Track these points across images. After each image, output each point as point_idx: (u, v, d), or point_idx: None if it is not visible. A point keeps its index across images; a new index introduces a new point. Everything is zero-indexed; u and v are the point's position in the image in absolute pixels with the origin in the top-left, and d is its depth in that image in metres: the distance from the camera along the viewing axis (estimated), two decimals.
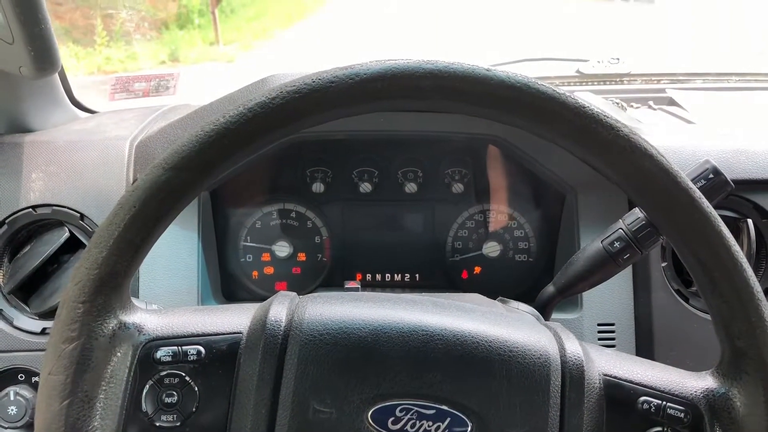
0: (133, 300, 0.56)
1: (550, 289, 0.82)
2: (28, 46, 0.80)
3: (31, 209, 0.92)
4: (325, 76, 0.52)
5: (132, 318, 0.54)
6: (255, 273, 1.07)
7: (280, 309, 0.55)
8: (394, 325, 0.54)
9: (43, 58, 0.81)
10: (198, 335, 0.55)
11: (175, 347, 0.54)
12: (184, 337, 0.55)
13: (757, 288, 0.53)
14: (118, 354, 0.53)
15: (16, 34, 0.79)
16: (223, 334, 0.55)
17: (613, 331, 0.92)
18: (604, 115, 0.53)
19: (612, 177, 0.55)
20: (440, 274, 1.09)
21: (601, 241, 0.76)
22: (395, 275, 1.09)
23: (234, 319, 0.56)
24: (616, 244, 0.75)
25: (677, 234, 0.54)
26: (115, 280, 0.52)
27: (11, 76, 0.93)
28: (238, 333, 0.55)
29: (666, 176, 0.52)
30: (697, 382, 0.56)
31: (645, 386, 0.55)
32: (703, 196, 0.53)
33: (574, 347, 0.56)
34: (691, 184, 0.53)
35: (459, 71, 0.52)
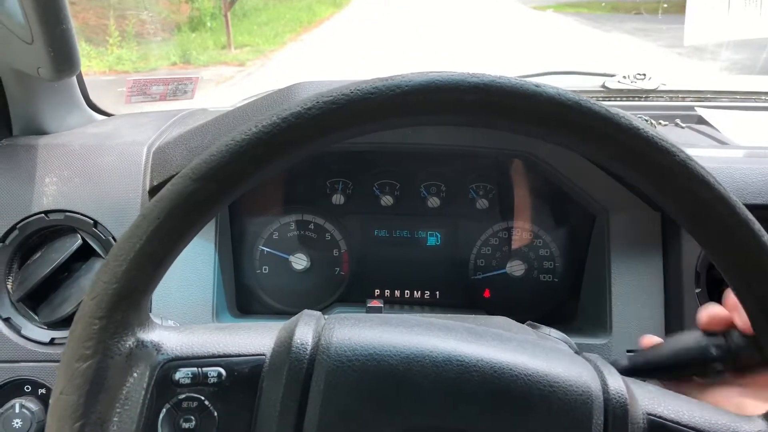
0: (151, 316, 0.53)
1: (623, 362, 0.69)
2: (49, 46, 0.77)
3: (43, 215, 0.89)
4: (364, 86, 0.49)
5: (150, 336, 0.51)
6: (270, 285, 1.04)
7: (306, 331, 0.52)
8: (427, 354, 0.51)
9: (63, 59, 0.79)
10: (219, 356, 0.52)
11: (195, 368, 0.51)
12: (205, 357, 0.51)
13: None
14: (135, 374, 0.49)
15: (36, 34, 0.76)
16: (246, 355, 0.52)
17: None
18: (659, 138, 0.49)
19: (664, 203, 0.51)
20: (461, 293, 1.05)
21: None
22: (414, 292, 1.05)
23: (257, 340, 0.53)
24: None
25: (734, 269, 0.50)
26: (134, 296, 0.49)
27: (28, 77, 0.90)
28: (261, 355, 0.52)
29: (723, 206, 0.49)
30: (749, 426, 0.52)
31: (692, 428, 0.52)
32: (762, 229, 0.50)
33: (617, 383, 0.52)
34: (750, 216, 0.50)
35: (507, 86, 0.49)
